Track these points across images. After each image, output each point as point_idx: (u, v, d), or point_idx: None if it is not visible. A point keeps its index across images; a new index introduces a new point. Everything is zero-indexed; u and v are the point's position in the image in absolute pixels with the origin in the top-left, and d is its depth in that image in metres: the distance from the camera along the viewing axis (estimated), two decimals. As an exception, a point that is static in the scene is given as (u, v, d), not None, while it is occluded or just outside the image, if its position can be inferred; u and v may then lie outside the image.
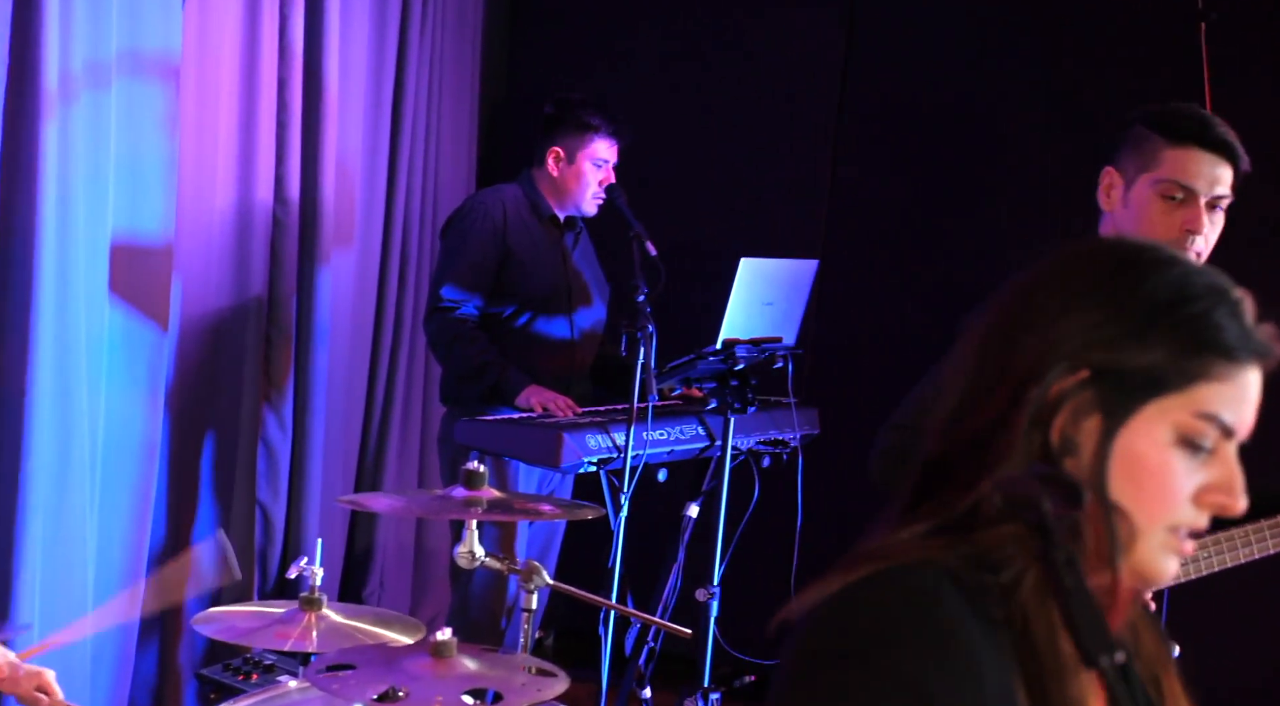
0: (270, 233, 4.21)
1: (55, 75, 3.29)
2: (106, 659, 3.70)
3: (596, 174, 4.02)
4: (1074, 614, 1.02)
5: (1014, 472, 1.11)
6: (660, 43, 4.96)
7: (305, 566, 2.74)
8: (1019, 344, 1.17)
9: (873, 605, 1.08)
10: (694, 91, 4.90)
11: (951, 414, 1.20)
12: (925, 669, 1.04)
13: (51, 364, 3.39)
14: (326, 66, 4.26)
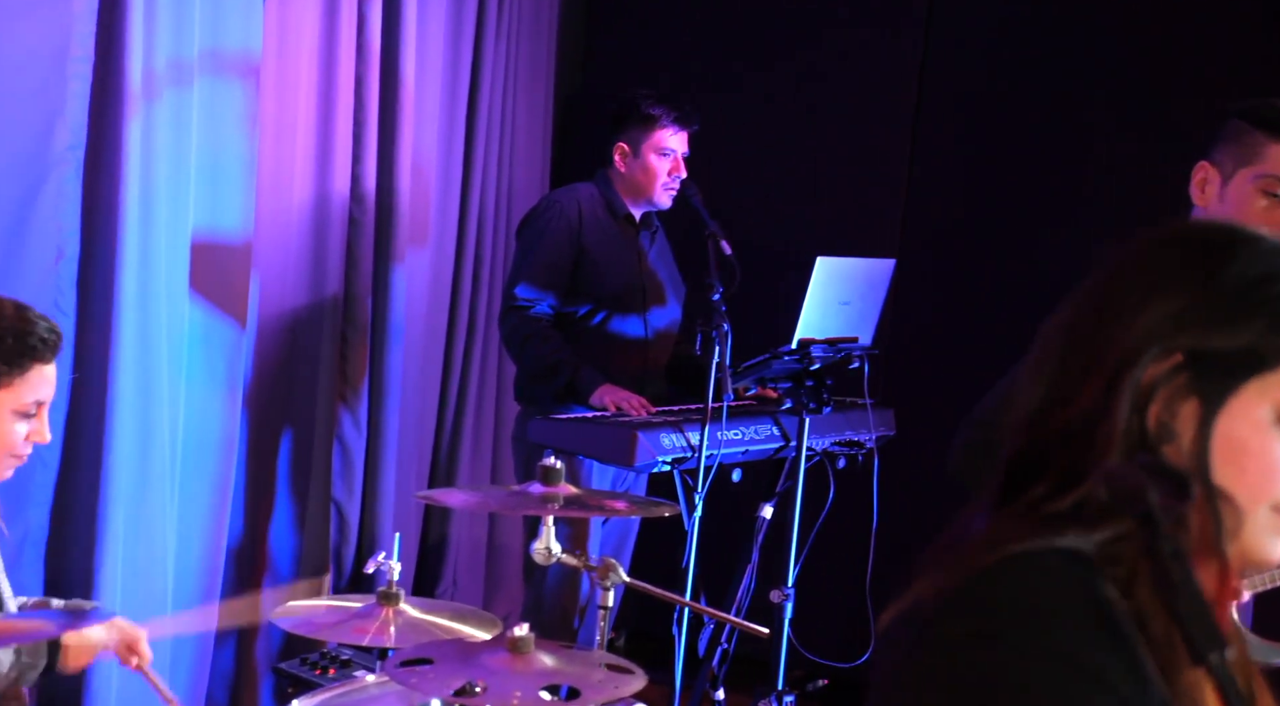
0: (346, 231, 4.24)
1: (139, 74, 3.33)
2: (186, 654, 3.74)
3: (663, 163, 4.00)
4: (1182, 609, 1.00)
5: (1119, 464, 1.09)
6: (736, 39, 4.94)
7: (383, 561, 2.74)
8: (1108, 333, 1.14)
9: (1014, 586, 1.06)
10: (770, 88, 4.87)
11: (1038, 408, 1.18)
12: (1080, 641, 1.02)
13: (133, 359, 3.43)
14: (403, 65, 4.28)
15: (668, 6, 5.11)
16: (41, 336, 2.27)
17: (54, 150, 3.19)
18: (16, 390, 2.26)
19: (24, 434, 2.30)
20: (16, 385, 2.26)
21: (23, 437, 2.30)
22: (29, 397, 2.27)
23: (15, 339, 2.25)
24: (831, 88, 4.77)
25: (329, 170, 4.13)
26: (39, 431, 2.32)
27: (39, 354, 2.27)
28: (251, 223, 3.84)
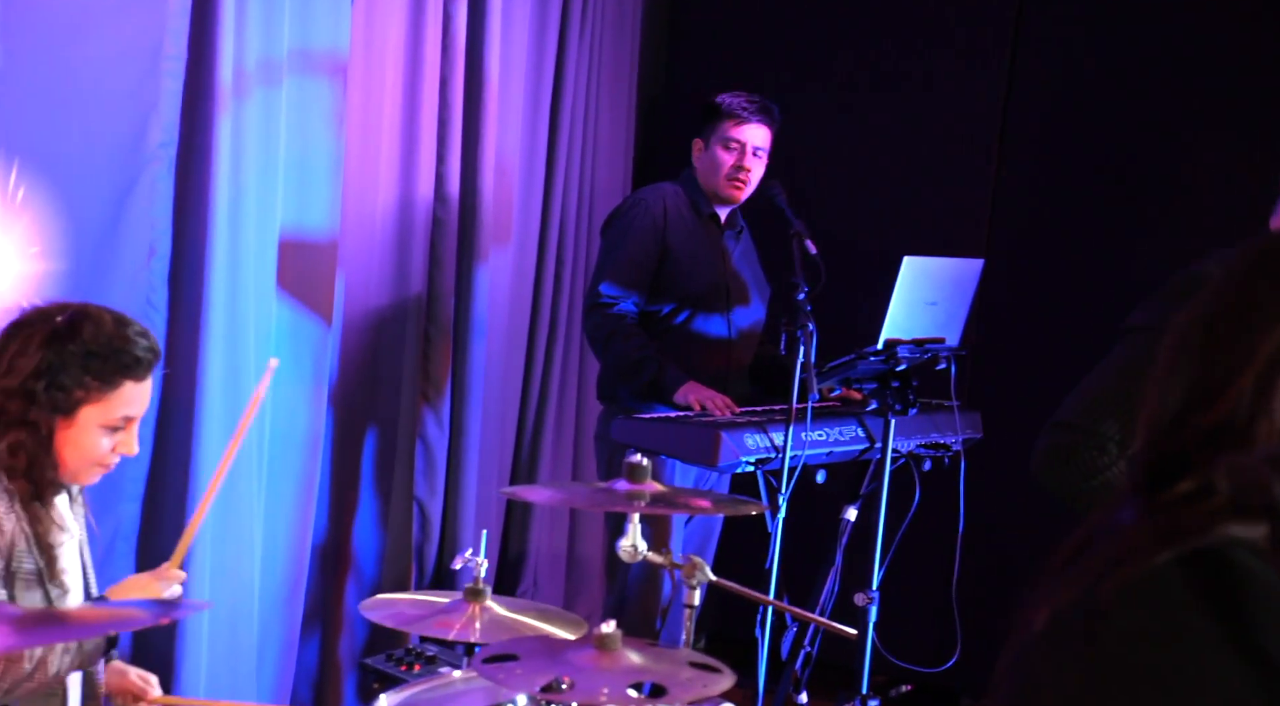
0: (430, 230, 4.25)
1: (230, 73, 3.37)
2: (271, 649, 3.77)
3: (729, 155, 3.97)
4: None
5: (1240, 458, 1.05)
6: (821, 40, 4.90)
7: (470, 557, 2.75)
8: (1252, 330, 1.11)
9: (1204, 579, 1.03)
10: (855, 87, 4.83)
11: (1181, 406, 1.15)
12: (1275, 639, 0.98)
13: (221, 356, 3.46)
14: (488, 65, 4.30)
15: (751, 6, 5.09)
16: (136, 355, 2.28)
17: (147, 148, 3.23)
18: (106, 404, 2.27)
19: (110, 446, 2.31)
20: (107, 400, 2.27)
21: (109, 450, 2.31)
22: (118, 413, 2.28)
23: (109, 356, 2.25)
24: (919, 85, 4.72)
25: (413, 169, 4.16)
26: (126, 444, 2.33)
27: (131, 372, 2.28)
28: (338, 221, 3.86)
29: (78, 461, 2.29)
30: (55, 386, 2.23)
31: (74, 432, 2.27)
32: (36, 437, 2.24)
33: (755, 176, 4.00)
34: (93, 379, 2.25)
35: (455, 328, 4.36)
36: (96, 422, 2.27)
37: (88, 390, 2.25)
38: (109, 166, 3.16)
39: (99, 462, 2.32)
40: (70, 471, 2.31)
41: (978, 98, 4.62)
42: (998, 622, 1.69)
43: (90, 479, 2.36)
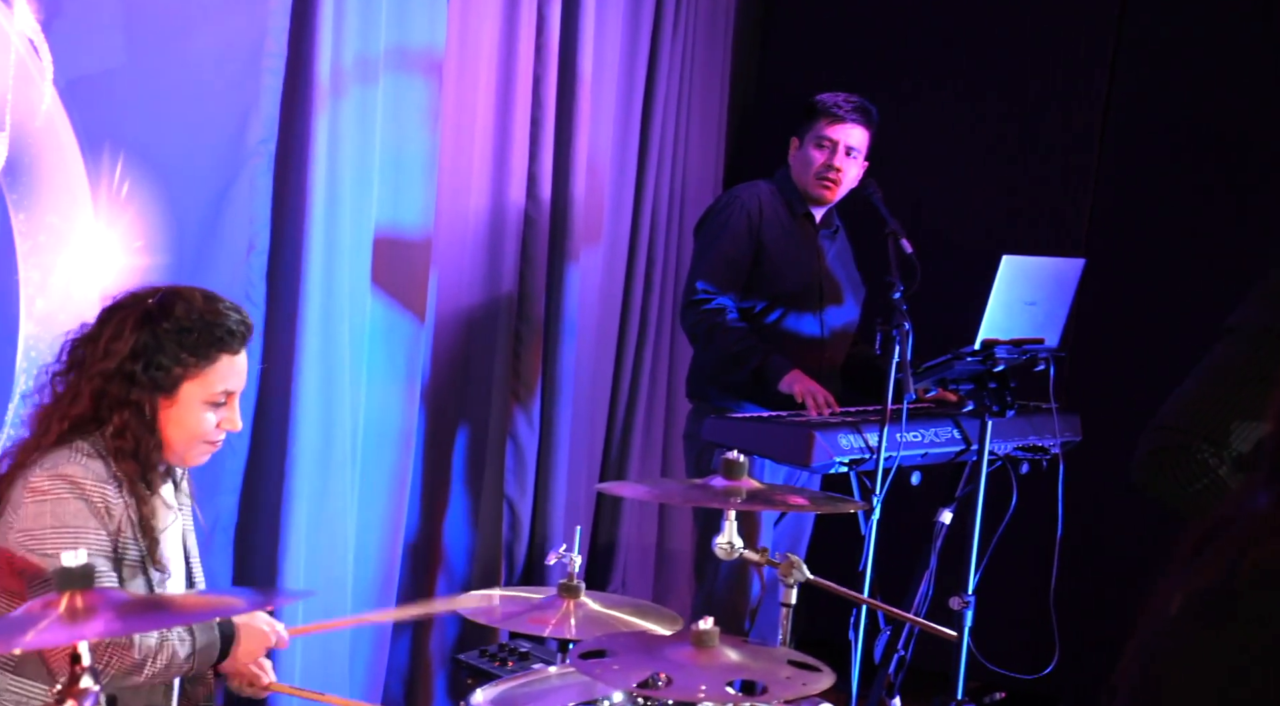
0: (522, 229, 4.26)
1: (327, 70, 3.39)
2: (363, 645, 3.78)
3: (820, 154, 3.92)
4: None
5: None
6: (916, 36, 4.85)
7: (564, 553, 2.73)
8: None
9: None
10: (952, 85, 4.76)
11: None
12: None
13: (317, 352, 3.48)
14: (581, 65, 4.29)
15: (846, 4, 5.04)
16: (229, 328, 2.30)
17: (247, 144, 3.26)
18: (206, 380, 2.29)
19: (215, 422, 2.33)
20: (206, 375, 2.29)
21: (214, 426, 2.33)
22: (218, 387, 2.30)
23: (203, 330, 2.27)
24: (1018, 82, 4.64)
25: (506, 168, 4.16)
26: (230, 419, 2.35)
27: (226, 345, 2.30)
28: (431, 219, 3.88)
29: (184, 440, 2.30)
30: (154, 366, 2.25)
31: (177, 411, 2.28)
32: (140, 419, 2.26)
33: (847, 177, 3.95)
34: (189, 355, 2.26)
35: (546, 327, 4.36)
36: (198, 398, 2.29)
37: (186, 367, 2.27)
38: (210, 162, 3.19)
39: (205, 440, 2.33)
40: (178, 452, 2.32)
41: (1078, 94, 4.54)
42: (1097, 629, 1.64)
43: (198, 458, 2.36)
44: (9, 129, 2.75)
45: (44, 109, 2.82)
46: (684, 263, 4.87)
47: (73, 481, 2.20)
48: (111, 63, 2.94)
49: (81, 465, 2.22)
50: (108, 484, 2.23)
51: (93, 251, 2.97)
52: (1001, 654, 3.94)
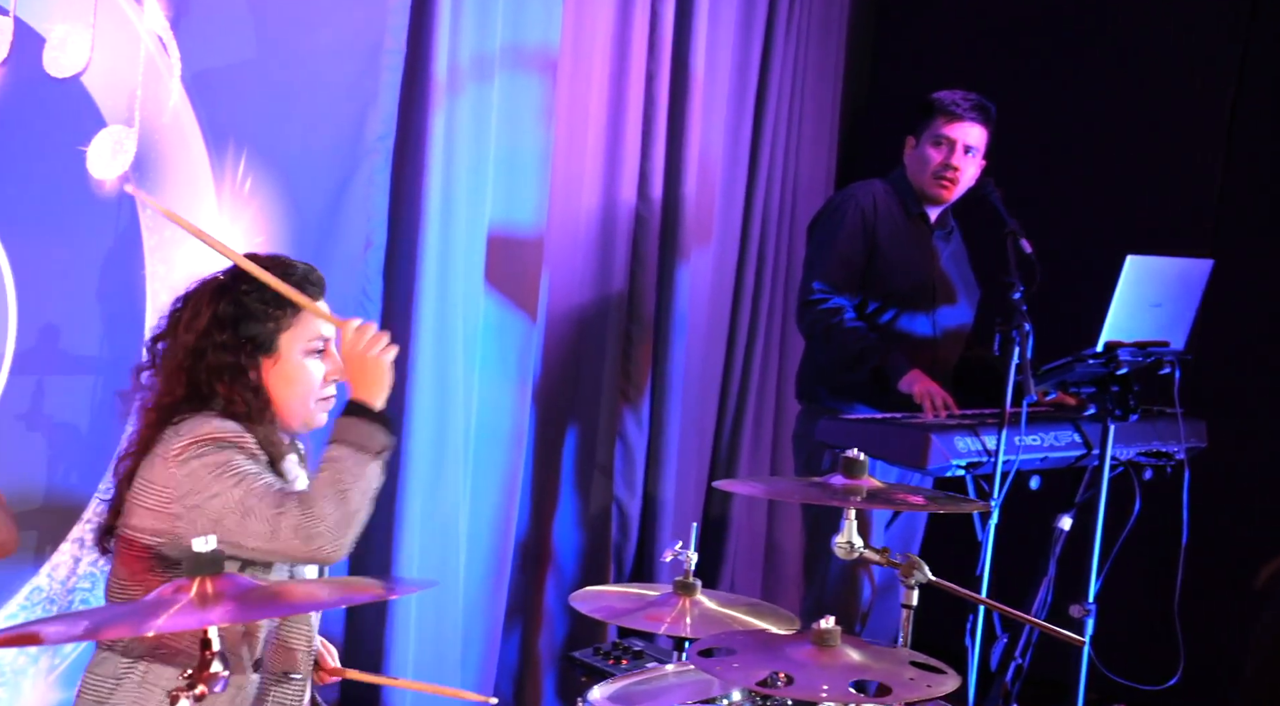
0: (633, 229, 4.25)
1: (445, 67, 3.41)
2: (475, 643, 3.79)
3: (938, 152, 3.85)
4: None
5: None
6: (1035, 33, 4.75)
7: (679, 551, 2.70)
8: None
9: None
10: (1074, 82, 4.65)
11: None
12: None
13: (431, 349, 3.50)
14: (694, 64, 4.27)
15: (961, 3, 4.96)
16: (299, 276, 2.27)
17: (366, 140, 3.29)
18: (301, 327, 2.26)
19: (322, 373, 2.29)
20: (299, 322, 2.26)
21: (322, 378, 2.29)
22: (312, 332, 2.27)
23: (280, 279, 2.24)
24: (1141, 78, 4.52)
25: (618, 167, 4.15)
26: (335, 368, 2.30)
27: (307, 292, 2.26)
28: (545, 217, 3.88)
29: (299, 397, 2.27)
30: (245, 329, 2.23)
31: (282, 367, 2.25)
32: (245, 382, 2.23)
33: (965, 176, 3.87)
34: (276, 308, 2.24)
35: (656, 326, 4.34)
36: (299, 348, 2.26)
37: (277, 320, 2.25)
38: (330, 158, 3.22)
39: (318, 397, 2.29)
40: (297, 413, 2.28)
41: (1204, 90, 4.41)
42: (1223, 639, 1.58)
43: (317, 417, 2.31)
44: (139, 125, 2.80)
45: (171, 105, 2.86)
46: (795, 262, 4.82)
47: (215, 434, 2.16)
48: (237, 59, 2.97)
49: (214, 424, 2.18)
50: (248, 434, 2.20)
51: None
52: (1123, 663, 3.84)
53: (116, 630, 1.93)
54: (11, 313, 2.67)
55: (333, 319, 2.31)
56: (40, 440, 2.78)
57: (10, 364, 2.69)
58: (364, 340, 2.30)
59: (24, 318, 2.69)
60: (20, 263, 2.66)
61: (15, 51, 2.55)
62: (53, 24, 2.61)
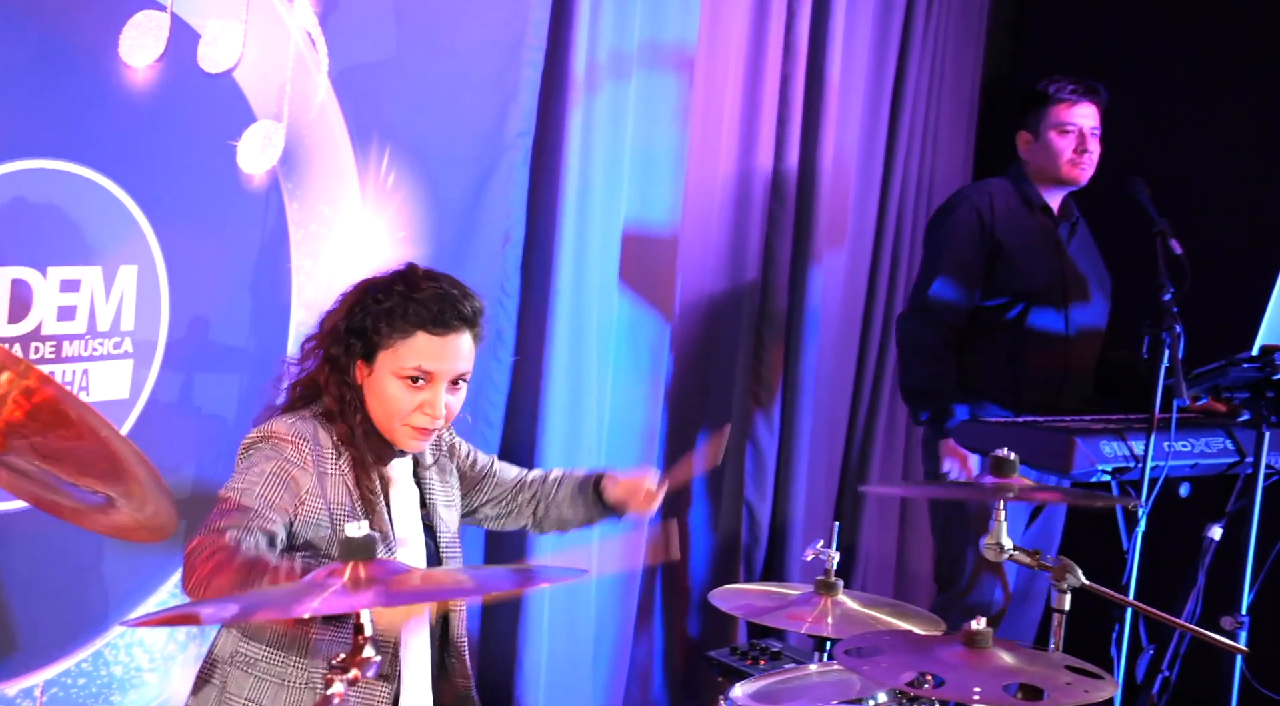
0: (765, 227, 4.21)
1: (583, 63, 3.41)
2: (606, 643, 3.78)
3: (1066, 140, 3.79)
4: None
5: None
6: (1178, 34, 4.61)
7: (820, 549, 2.66)
8: None
9: None
10: (1227, 72, 4.50)
11: None
12: None
13: (565, 346, 3.50)
14: (829, 63, 4.22)
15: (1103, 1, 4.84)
16: (433, 306, 2.26)
17: (506, 136, 3.30)
18: (397, 352, 2.26)
19: (411, 405, 2.27)
20: (398, 347, 2.26)
21: (410, 407, 2.27)
22: (408, 362, 2.26)
23: (404, 304, 2.26)
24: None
25: (751, 165, 4.12)
26: (430, 404, 2.27)
27: (425, 323, 2.26)
28: (679, 216, 3.86)
29: (383, 415, 2.28)
30: (357, 332, 2.27)
31: (374, 380, 2.28)
32: (343, 381, 2.28)
33: (1095, 157, 3.81)
34: (385, 324, 2.26)
35: (788, 328, 4.30)
36: (389, 370, 2.26)
37: (382, 336, 2.26)
38: (470, 154, 3.24)
39: (402, 420, 2.28)
40: (382, 427, 2.30)
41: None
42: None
43: (404, 440, 2.31)
44: (287, 120, 2.84)
45: (318, 101, 2.90)
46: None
47: (274, 436, 2.24)
48: (382, 54, 3.00)
49: (288, 424, 2.25)
50: (313, 443, 2.24)
51: (359, 240, 3.04)
52: (1277, 678, 3.70)
53: (269, 612, 1.97)
54: (164, 305, 2.72)
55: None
56: (189, 431, 2.83)
57: (162, 356, 2.74)
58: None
59: (175, 310, 2.74)
60: (172, 255, 2.71)
61: (171, 47, 2.60)
62: (207, 20, 2.66)
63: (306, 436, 2.24)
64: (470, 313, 2.31)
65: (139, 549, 2.74)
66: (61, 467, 1.99)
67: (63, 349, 2.56)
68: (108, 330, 2.64)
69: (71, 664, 2.65)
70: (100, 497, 2.06)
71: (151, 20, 2.56)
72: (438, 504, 2.45)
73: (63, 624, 2.63)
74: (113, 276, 2.63)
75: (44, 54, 2.45)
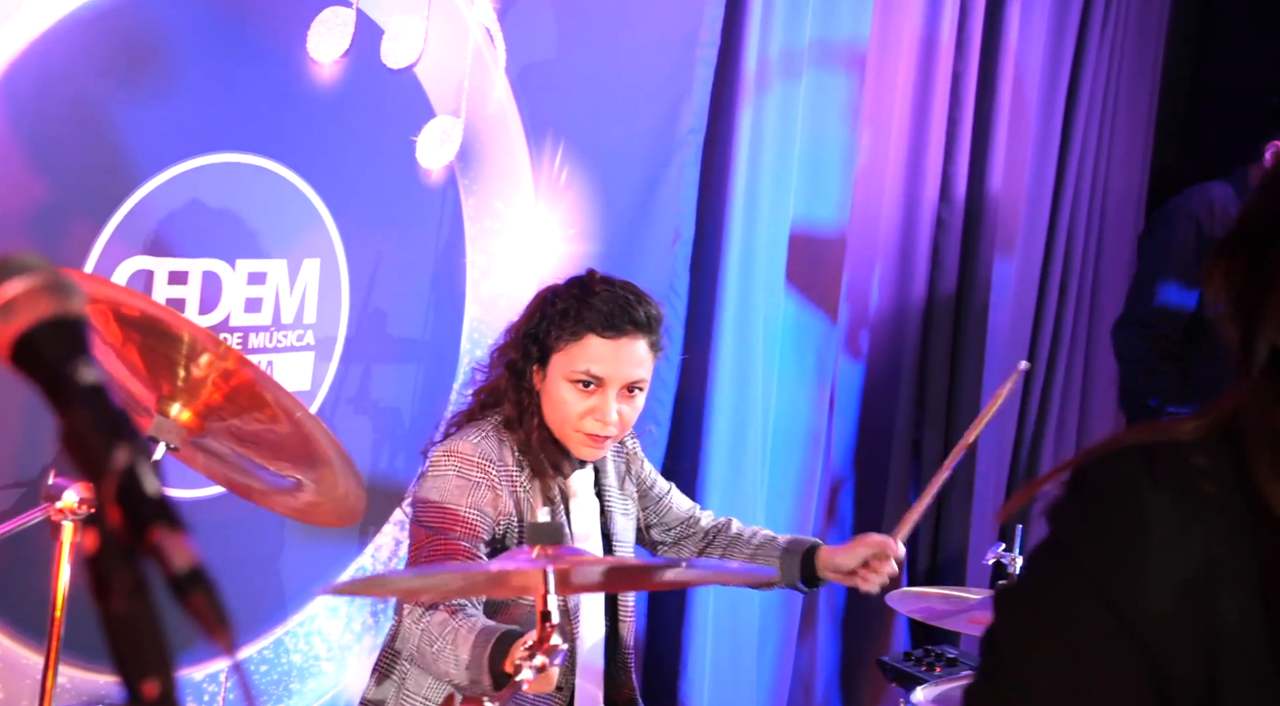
0: (933, 232, 4.13)
1: (754, 61, 3.38)
2: (769, 647, 3.74)
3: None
4: None
5: None
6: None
7: (1002, 553, 2.60)
8: None
9: None
10: None
11: None
12: None
13: (732, 347, 3.47)
14: (1002, 63, 4.13)
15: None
16: (604, 309, 2.24)
17: (678, 133, 3.29)
18: (569, 355, 2.25)
19: (581, 410, 2.25)
20: (570, 351, 2.25)
21: (579, 413, 2.25)
22: (579, 366, 2.24)
23: (582, 307, 2.25)
24: None
25: (920, 169, 4.04)
26: (599, 410, 2.24)
27: (595, 327, 2.24)
28: (847, 217, 3.81)
29: (556, 421, 2.27)
30: (535, 338, 2.28)
31: (548, 385, 2.27)
32: (520, 386, 2.28)
33: None
34: (557, 328, 2.25)
35: (955, 333, 4.21)
36: (561, 374, 2.25)
37: (554, 339, 2.26)
38: (642, 151, 3.23)
39: (574, 426, 2.26)
40: (556, 433, 2.29)
41: None
42: None
43: (577, 447, 2.29)
44: (465, 116, 2.86)
45: (495, 97, 2.92)
46: (1103, 272, 4.63)
47: (460, 457, 2.22)
48: (558, 50, 3.01)
49: (472, 443, 2.24)
50: (498, 463, 2.23)
51: (532, 237, 3.05)
52: None
53: (456, 578, 2.00)
54: (344, 298, 2.76)
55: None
56: (367, 424, 2.86)
57: (342, 349, 2.78)
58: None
59: (354, 303, 2.78)
60: (353, 249, 2.75)
61: (356, 42, 2.64)
62: (391, 16, 2.69)
63: (491, 457, 2.24)
64: (644, 318, 2.29)
65: (319, 538, 2.78)
66: (257, 451, 2.03)
67: (249, 341, 2.61)
68: (291, 323, 2.68)
69: (254, 650, 2.70)
70: (290, 481, 2.10)
71: (338, 16, 2.61)
72: (615, 512, 2.44)
73: (247, 611, 2.68)
74: (297, 269, 2.67)
75: (234, 50, 2.50)
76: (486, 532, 2.19)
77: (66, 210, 2.32)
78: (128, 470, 0.78)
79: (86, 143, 2.33)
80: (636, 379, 2.28)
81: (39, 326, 0.81)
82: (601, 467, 2.42)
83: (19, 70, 2.22)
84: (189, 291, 2.51)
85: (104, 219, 2.37)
